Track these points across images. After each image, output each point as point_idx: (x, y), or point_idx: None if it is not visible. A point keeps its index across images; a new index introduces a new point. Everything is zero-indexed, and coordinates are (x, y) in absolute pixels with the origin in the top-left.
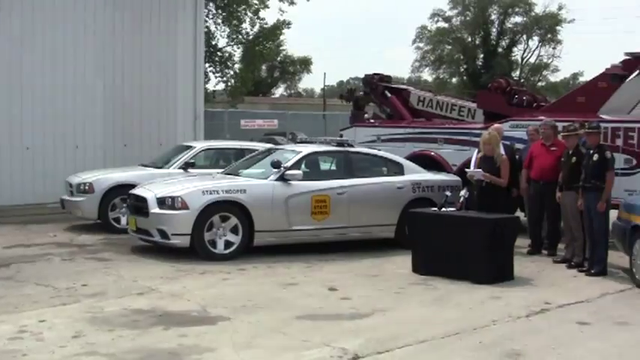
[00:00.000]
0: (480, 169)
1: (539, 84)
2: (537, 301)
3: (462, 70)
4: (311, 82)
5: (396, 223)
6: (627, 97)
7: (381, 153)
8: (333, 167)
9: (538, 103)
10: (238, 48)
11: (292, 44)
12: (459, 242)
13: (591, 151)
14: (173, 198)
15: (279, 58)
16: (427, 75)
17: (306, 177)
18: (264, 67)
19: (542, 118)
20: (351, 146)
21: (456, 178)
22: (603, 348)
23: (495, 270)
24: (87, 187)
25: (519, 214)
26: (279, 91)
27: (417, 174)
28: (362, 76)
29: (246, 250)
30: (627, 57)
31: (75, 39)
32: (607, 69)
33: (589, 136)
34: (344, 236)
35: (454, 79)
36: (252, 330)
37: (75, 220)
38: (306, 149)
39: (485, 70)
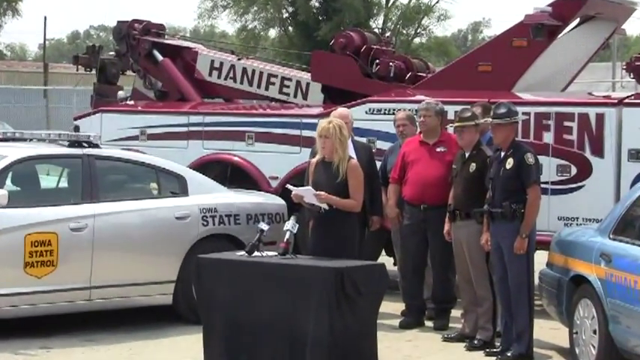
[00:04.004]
0: (309, 187)
1: (417, 40)
2: None
3: (287, 16)
4: (21, 33)
5: (175, 279)
6: (561, 63)
7: (148, 158)
8: (64, 184)
9: (414, 72)
10: None
11: None
12: (283, 309)
13: (502, 154)
14: None
15: None
16: (226, 24)
17: (16, 201)
18: None
19: (421, 98)
20: (96, 147)
21: (278, 200)
22: None
23: (345, 355)
24: None
25: (385, 259)
26: None
27: (210, 194)
28: (113, 24)
29: None
30: None
31: None
32: (527, 17)
33: (497, 129)
34: (84, 305)
35: (272, 32)
36: None
37: None
38: (15, 153)
39: (324, 16)
